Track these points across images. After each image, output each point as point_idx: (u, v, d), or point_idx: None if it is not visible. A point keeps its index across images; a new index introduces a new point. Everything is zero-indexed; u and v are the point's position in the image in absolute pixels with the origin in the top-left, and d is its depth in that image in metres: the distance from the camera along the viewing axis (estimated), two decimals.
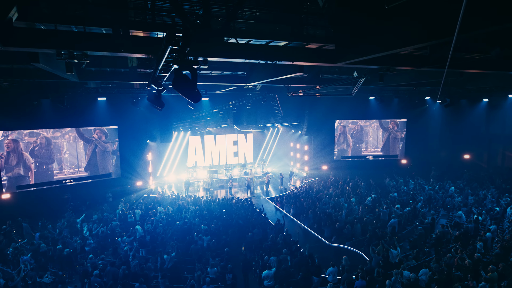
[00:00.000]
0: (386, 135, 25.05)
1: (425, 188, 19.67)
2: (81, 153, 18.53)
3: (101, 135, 19.05)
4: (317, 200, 18.16)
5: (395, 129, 24.86)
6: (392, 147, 25.15)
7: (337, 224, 13.85)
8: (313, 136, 25.12)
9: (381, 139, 25.16)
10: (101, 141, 19.10)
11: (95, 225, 14.50)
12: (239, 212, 16.06)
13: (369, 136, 25.26)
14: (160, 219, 14.99)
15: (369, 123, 25.04)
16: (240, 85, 12.47)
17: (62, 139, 17.86)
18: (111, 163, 19.68)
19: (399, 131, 24.92)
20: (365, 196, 19.26)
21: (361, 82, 10.18)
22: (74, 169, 18.35)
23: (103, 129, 19.17)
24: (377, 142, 25.25)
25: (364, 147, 25.32)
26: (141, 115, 19.26)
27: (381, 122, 24.91)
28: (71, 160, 18.22)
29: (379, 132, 25.19)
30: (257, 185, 23.46)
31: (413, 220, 15.42)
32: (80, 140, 18.45)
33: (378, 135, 25.25)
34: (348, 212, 16.49)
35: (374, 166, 24.58)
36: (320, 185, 22.04)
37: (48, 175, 17.58)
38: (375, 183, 21.87)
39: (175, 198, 19.18)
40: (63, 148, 17.95)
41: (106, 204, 17.81)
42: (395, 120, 24.71)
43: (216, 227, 14.09)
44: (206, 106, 18.53)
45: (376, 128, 25.20)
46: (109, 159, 19.57)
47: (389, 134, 24.99)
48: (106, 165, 19.52)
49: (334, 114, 24.11)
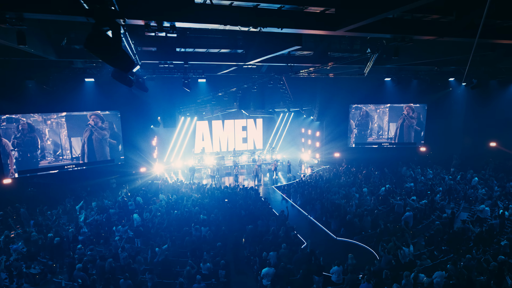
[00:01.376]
0: (400, 121, 23.36)
1: (445, 178, 18.21)
2: (77, 139, 17.91)
3: (97, 120, 18.26)
4: (326, 189, 17.10)
5: (410, 115, 23.10)
6: (406, 135, 23.48)
7: (347, 216, 12.78)
8: (325, 122, 23.78)
9: (393, 126, 23.51)
10: (97, 128, 18.31)
11: (92, 213, 14.07)
12: (242, 201, 15.25)
13: (383, 122, 23.65)
14: (159, 208, 14.40)
15: (382, 107, 23.39)
16: (239, 64, 11.39)
17: (59, 124, 17.30)
18: (107, 149, 18.98)
19: (414, 118, 23.17)
20: (379, 186, 18.02)
21: (373, 59, 8.90)
22: (74, 155, 17.86)
23: (99, 114, 18.33)
24: (389, 129, 23.59)
25: (377, 134, 23.78)
26: (144, 99, 18.50)
27: (394, 107, 23.19)
28: (66, 146, 17.68)
29: (385, 119, 23.48)
30: (267, 173, 22.52)
31: (430, 214, 14.17)
32: (75, 125, 17.81)
33: (384, 121, 23.58)
34: (359, 203, 15.38)
35: (390, 154, 23.08)
36: (331, 173, 20.89)
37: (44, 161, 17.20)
38: (390, 172, 20.53)
39: (179, 185, 18.60)
40: (61, 133, 17.46)
41: (108, 191, 17.42)
42: (410, 105, 22.93)
43: (216, 217, 13.36)
44: (204, 88, 17.49)
45: (385, 114, 23.50)
46: (106, 146, 18.86)
47: (403, 120, 23.27)
48: (104, 151, 18.86)
49: (348, 98, 22.60)
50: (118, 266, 9.62)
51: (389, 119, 23.47)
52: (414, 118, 23.14)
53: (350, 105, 23.34)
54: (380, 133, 23.70)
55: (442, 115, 22.42)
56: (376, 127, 23.54)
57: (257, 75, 16.08)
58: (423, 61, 11.52)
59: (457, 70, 15.96)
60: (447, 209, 14.79)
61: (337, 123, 23.35)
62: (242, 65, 11.56)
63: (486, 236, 11.16)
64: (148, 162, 20.75)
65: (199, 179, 21.31)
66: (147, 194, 17.07)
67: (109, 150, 19.01)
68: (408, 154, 22.91)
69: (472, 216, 14.09)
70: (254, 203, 14.93)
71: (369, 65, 9.59)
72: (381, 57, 12.08)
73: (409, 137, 23.46)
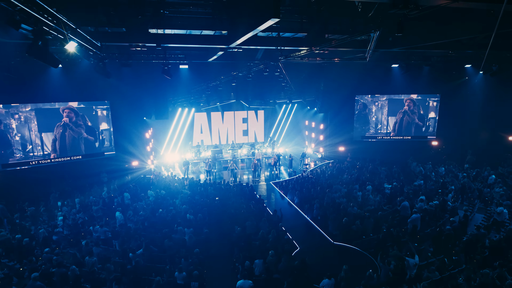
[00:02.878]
0: (399, 116, 21.78)
1: (458, 176, 16.68)
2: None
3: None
4: (328, 186, 15.84)
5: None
6: (405, 129, 21.93)
7: (344, 219, 11.53)
8: (330, 114, 22.36)
9: (391, 120, 22.00)
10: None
11: (74, 210, 13.20)
12: (234, 199, 14.17)
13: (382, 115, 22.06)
14: (145, 206, 13.44)
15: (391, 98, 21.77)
16: (222, 47, 10.12)
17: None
18: (98, 140, 18.03)
19: (415, 114, 21.57)
20: (385, 183, 16.66)
21: (375, 38, 7.52)
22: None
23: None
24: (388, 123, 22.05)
25: (386, 127, 22.22)
26: (134, 89, 17.45)
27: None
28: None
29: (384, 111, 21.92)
30: (268, 167, 21.21)
31: (441, 216, 12.78)
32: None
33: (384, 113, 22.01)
34: (362, 203, 14.11)
35: (400, 148, 21.56)
36: (334, 169, 19.57)
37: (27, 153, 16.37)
38: (398, 167, 19.08)
39: (171, 180, 17.63)
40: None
41: (96, 186, 16.53)
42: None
43: (203, 217, 12.31)
44: (186, 76, 16.21)
45: (383, 106, 21.91)
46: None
47: (403, 115, 21.70)
48: (87, 143, 17.69)
49: (354, 88, 21.07)
50: (85, 272, 8.68)
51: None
52: (416, 113, 21.59)
53: (357, 95, 21.83)
54: (389, 126, 22.15)
55: (457, 106, 20.67)
56: (384, 120, 22.00)
57: (252, 63, 14.76)
58: (435, 43, 9.98)
59: (474, 55, 14.22)
60: (460, 210, 13.41)
61: (342, 115, 21.93)
62: (227, 49, 10.31)
63: (505, 244, 9.77)
64: (141, 156, 19.82)
65: (196, 173, 20.31)
66: (136, 189, 16.18)
67: (98, 143, 18.08)
68: (419, 149, 21.36)
69: (488, 219, 12.64)
70: (247, 201, 13.83)
71: (371, 47, 8.22)
72: (386, 40, 10.63)
73: (409, 131, 21.93)
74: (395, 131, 21.98)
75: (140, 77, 16.17)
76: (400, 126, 21.82)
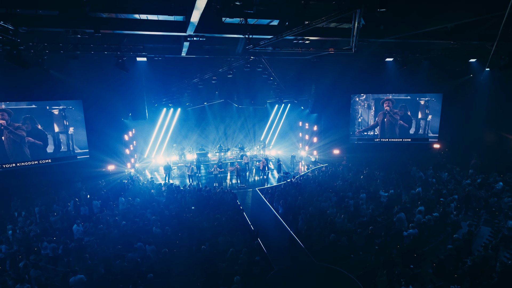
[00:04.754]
0: (380, 116, 20.32)
1: (462, 182, 15.10)
2: None
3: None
4: (317, 194, 14.34)
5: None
6: (388, 131, 20.60)
7: (331, 235, 10.02)
8: (324, 114, 20.86)
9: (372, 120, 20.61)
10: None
11: (28, 221, 11.79)
12: (211, 209, 12.72)
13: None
14: (108, 217, 12.03)
15: (390, 97, 20.23)
16: (180, 35, 8.68)
17: None
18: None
19: (397, 114, 20.14)
20: (381, 190, 15.12)
21: (357, 19, 6.02)
22: None
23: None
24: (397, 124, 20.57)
25: (383, 129, 20.71)
26: (108, 87, 16.06)
27: (404, 97, 20.12)
28: None
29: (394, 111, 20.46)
30: (260, 172, 19.57)
31: (442, 230, 11.24)
32: None
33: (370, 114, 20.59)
34: (353, 213, 12.61)
35: (399, 152, 20.01)
36: (326, 174, 18.04)
37: None
38: (397, 173, 17.52)
39: (147, 186, 16.21)
40: None
41: (64, 191, 15.13)
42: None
43: (171, 230, 10.86)
44: (144, 69, 14.68)
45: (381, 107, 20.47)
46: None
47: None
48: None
49: (350, 87, 19.57)
50: None
51: (408, 110, 20.36)
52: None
53: (352, 95, 20.33)
54: (388, 128, 20.64)
55: (460, 105, 19.09)
56: (387, 121, 20.48)
57: (232, 58, 13.32)
58: (433, 29, 8.44)
59: (480, 47, 12.56)
60: (463, 222, 11.86)
61: (337, 116, 20.45)
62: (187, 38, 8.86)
63: None
64: (119, 159, 18.43)
65: (181, 178, 18.86)
66: (108, 197, 14.79)
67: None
68: (420, 152, 19.80)
69: (496, 235, 11.07)
70: (223, 212, 12.35)
71: (354, 33, 6.76)
72: (378, 28, 9.15)
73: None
74: (378, 133, 20.72)
75: (113, 74, 14.75)
76: (383, 127, 20.44)
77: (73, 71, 14.99)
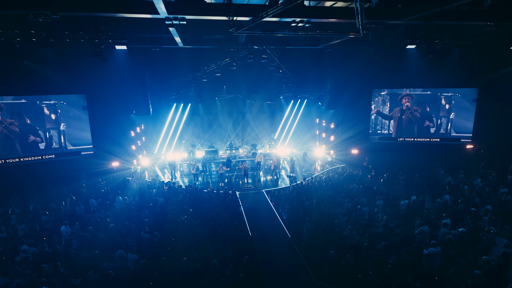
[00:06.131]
0: (396, 113, 18.29)
1: (498, 191, 13.08)
2: None
3: None
4: (328, 199, 12.95)
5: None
6: (406, 129, 18.55)
7: (330, 252, 8.68)
8: (341, 110, 19.24)
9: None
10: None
11: (19, 220, 11.37)
12: (206, 212, 11.75)
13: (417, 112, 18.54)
14: (98, 218, 11.36)
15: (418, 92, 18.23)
16: (155, 17, 7.59)
17: None
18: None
19: (417, 111, 18.05)
20: (402, 196, 13.46)
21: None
22: None
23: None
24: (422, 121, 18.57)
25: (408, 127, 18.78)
26: (112, 81, 15.48)
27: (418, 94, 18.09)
28: None
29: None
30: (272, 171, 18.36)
31: (471, 249, 9.53)
32: None
33: None
34: (366, 224, 11.14)
35: (426, 153, 18.05)
36: (342, 176, 16.52)
37: None
38: (421, 176, 15.67)
39: (149, 184, 15.56)
40: None
41: (65, 189, 14.76)
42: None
43: (160, 236, 9.96)
44: (124, 58, 13.68)
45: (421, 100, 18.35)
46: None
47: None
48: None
49: (370, 80, 17.81)
50: None
51: (427, 107, 18.34)
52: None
53: (374, 89, 18.54)
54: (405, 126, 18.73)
55: (499, 101, 16.76)
56: (406, 118, 18.55)
57: (235, 48, 12.17)
58: (465, 0, 6.66)
59: None
60: (498, 238, 10.07)
61: (356, 112, 18.75)
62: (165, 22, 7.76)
63: None
64: (124, 155, 17.92)
65: (188, 177, 18.07)
66: (107, 195, 14.25)
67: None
68: (448, 154, 17.73)
69: None
70: (221, 217, 11.30)
71: (359, 12, 5.39)
72: (394, 7, 7.60)
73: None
74: (393, 131, 18.90)
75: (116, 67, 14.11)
76: (399, 126, 18.54)
77: (77, 64, 14.53)
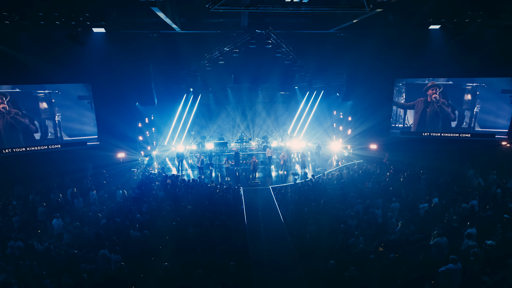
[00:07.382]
0: (420, 104, 16.40)
1: None
2: None
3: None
4: (338, 198, 11.83)
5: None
6: (430, 123, 16.70)
7: (329, 262, 7.64)
8: (359, 102, 17.76)
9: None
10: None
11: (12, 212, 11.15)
12: (205, 210, 11.01)
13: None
14: (90, 213, 10.94)
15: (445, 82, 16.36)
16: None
17: None
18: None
19: (445, 104, 16.16)
20: (423, 199, 12.06)
21: None
22: None
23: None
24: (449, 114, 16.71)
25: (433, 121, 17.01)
26: (117, 70, 15.00)
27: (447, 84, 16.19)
28: None
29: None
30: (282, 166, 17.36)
31: (500, 266, 8.12)
32: None
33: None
34: (378, 229, 9.94)
35: (454, 150, 16.29)
36: (357, 173, 15.20)
37: None
38: (448, 177, 14.03)
39: (152, 177, 15.07)
40: None
41: (68, 180, 14.60)
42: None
43: (149, 235, 9.32)
44: (100, 41, 12.76)
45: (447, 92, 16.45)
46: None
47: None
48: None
49: (393, 69, 16.21)
50: None
51: (451, 99, 16.50)
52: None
53: (396, 79, 16.89)
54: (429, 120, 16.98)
55: None
56: (431, 111, 16.80)
57: (236, 33, 11.17)
58: None
59: None
60: None
61: (376, 104, 17.17)
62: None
63: None
64: (131, 146, 17.55)
65: (194, 169, 17.46)
66: (110, 187, 13.93)
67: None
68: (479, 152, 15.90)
69: None
70: (218, 215, 10.52)
71: None
72: None
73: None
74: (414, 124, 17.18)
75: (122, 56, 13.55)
76: (423, 119, 16.82)
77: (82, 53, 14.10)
